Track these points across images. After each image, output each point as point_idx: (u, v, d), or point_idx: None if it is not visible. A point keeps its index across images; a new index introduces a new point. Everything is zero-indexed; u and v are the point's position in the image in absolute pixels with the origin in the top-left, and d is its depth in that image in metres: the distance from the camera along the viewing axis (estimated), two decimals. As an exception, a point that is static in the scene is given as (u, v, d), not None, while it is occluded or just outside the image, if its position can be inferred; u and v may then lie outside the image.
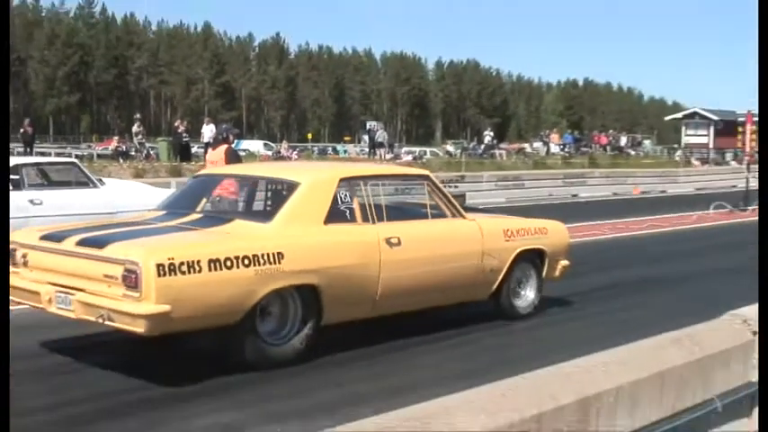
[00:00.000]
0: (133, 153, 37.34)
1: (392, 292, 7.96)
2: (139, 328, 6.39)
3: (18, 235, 7.67)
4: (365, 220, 7.92)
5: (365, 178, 8.30)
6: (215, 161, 12.65)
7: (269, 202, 8.52)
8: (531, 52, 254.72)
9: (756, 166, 32.51)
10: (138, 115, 46.66)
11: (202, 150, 29.45)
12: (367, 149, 48.06)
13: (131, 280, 6.35)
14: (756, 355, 4.38)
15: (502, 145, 64.07)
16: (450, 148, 67.83)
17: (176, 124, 36.61)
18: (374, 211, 8.01)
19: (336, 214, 7.86)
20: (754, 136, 26.91)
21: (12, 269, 7.38)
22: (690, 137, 55.56)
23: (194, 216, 7.88)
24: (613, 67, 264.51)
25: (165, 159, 32.59)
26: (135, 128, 38.87)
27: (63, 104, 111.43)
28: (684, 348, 3.92)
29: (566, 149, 54.13)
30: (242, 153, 28.66)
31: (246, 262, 6.79)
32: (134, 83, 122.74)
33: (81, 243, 6.97)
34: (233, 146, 13.66)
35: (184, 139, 32.82)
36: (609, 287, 11.14)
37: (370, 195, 8.09)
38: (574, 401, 3.20)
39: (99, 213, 12.28)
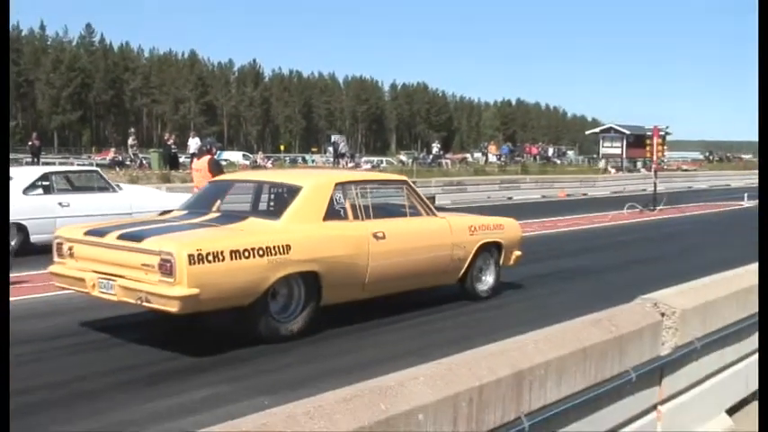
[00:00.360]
0: (128, 163, 36.92)
1: (378, 278, 8.30)
2: (173, 308, 6.70)
3: (63, 231, 8.02)
4: (356, 217, 8.25)
5: (355, 183, 8.64)
6: (199, 169, 12.55)
7: (276, 203, 8.71)
8: (472, 76, 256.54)
9: (661, 172, 32.97)
10: (132, 130, 46.20)
11: (189, 160, 29.17)
12: (332, 159, 47.89)
13: (166, 268, 6.66)
14: (665, 333, 4.42)
15: (447, 155, 64.12)
16: (403, 157, 67.81)
17: (166, 137, 36.26)
18: (363, 210, 8.33)
19: (332, 213, 8.18)
20: (660, 147, 27.23)
21: (57, 260, 7.78)
22: (606, 148, 56.00)
23: (213, 215, 8.14)
24: (541, 88, 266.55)
25: (156, 168, 32.24)
26: (130, 141, 38.47)
27: (66, 121, 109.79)
28: (603, 328, 3.94)
29: (502, 159, 54.34)
30: (223, 163, 28.43)
31: (261, 252, 7.13)
32: (129, 102, 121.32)
33: (121, 237, 7.26)
34: (215, 156, 13.55)
35: (173, 150, 32.48)
36: (542, 276, 11.18)
37: (359, 197, 8.41)
38: (510, 374, 3.20)
39: (118, 214, 12.41)
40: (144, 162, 36.28)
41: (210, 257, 6.76)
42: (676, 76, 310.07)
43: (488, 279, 9.86)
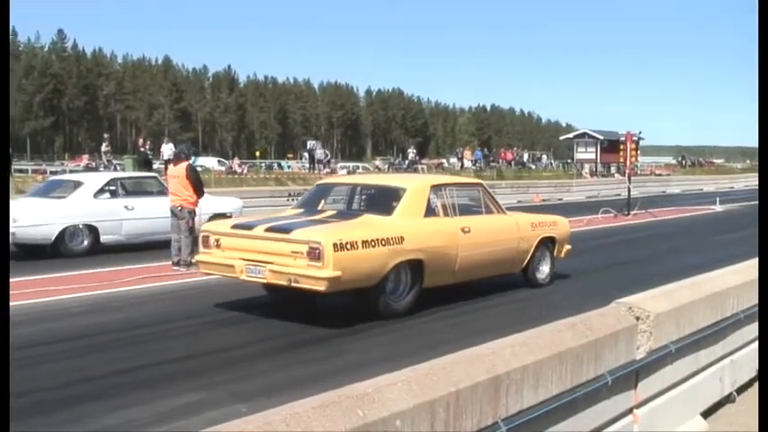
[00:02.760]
0: (101, 169, 36.60)
1: (465, 266, 9.66)
2: (321, 287, 7.96)
3: (210, 225, 9.52)
4: (446, 214, 9.66)
5: (444, 185, 10.16)
6: (176, 176, 12.42)
7: (383, 202, 9.67)
8: (447, 81, 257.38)
9: (635, 177, 33.23)
10: (106, 136, 45.79)
11: (163, 166, 28.98)
12: (308, 165, 47.79)
13: (315, 254, 7.93)
14: (640, 337, 4.45)
15: (423, 161, 64.20)
16: (378, 163, 67.96)
17: (140, 143, 35.92)
18: (451, 208, 9.74)
19: (429, 211, 9.55)
20: (634, 153, 27.40)
21: (203, 250, 9.09)
22: (581, 153, 56.25)
23: (330, 212, 9.49)
24: (516, 94, 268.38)
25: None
26: (103, 147, 38.11)
27: (39, 127, 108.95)
28: (579, 332, 3.96)
29: (477, 164, 54.47)
30: (198, 168, 28.26)
31: (383, 243, 8.47)
32: (102, 108, 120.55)
33: (269, 230, 8.56)
34: (191, 162, 13.45)
35: (149, 156, 32.20)
36: (518, 282, 11.19)
37: (448, 197, 9.81)
38: (487, 379, 3.20)
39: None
40: (118, 168, 36.00)
41: (348, 246, 8.07)
42: (649, 82, 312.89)
43: (545, 269, 11.26)
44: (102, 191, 14.55)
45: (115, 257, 13.34)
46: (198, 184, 12.52)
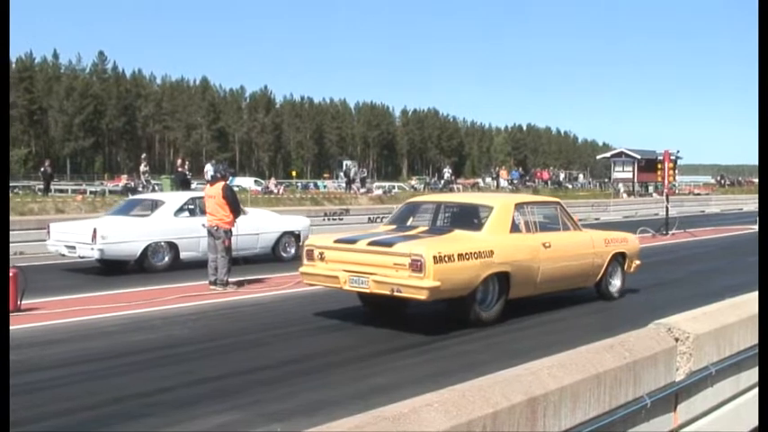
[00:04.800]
0: (140, 189, 36.98)
1: (546, 278, 10.27)
2: (422, 296, 8.62)
3: (314, 240, 10.30)
4: (528, 230, 10.32)
5: (526, 203, 10.84)
6: (213, 195, 12.51)
7: (471, 219, 10.41)
8: (483, 101, 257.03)
9: (673, 197, 32.85)
10: (144, 156, 46.28)
11: (202, 186, 29.28)
12: (344, 185, 47.92)
13: (417, 266, 8.57)
14: (679, 359, 4.39)
15: (459, 180, 64.17)
16: (414, 183, 67.89)
17: (178, 163, 36.27)
18: (533, 225, 10.39)
19: (514, 227, 10.16)
20: (671, 171, 27.12)
21: (307, 263, 9.73)
22: (618, 172, 55.78)
23: (422, 228, 10.26)
24: (552, 113, 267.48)
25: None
26: (142, 167, 38.48)
27: (79, 147, 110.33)
28: (617, 353, 3.92)
29: (513, 183, 54.28)
30: (235, 188, 28.48)
31: (476, 256, 9.13)
32: (141, 128, 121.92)
33: (372, 243, 9.22)
34: (228, 182, 13.56)
35: (187, 176, 32.49)
36: (556, 300, 11.10)
37: (529, 214, 10.46)
38: (524, 400, 3.17)
39: (248, 234, 15.12)
40: (156, 188, 36.38)
41: (446, 258, 8.71)
42: (687, 101, 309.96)
43: (617, 282, 11.81)
44: (181, 209, 15.26)
45: (163, 276, 13.67)
46: (234, 204, 12.60)
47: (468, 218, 10.50)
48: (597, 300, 11.59)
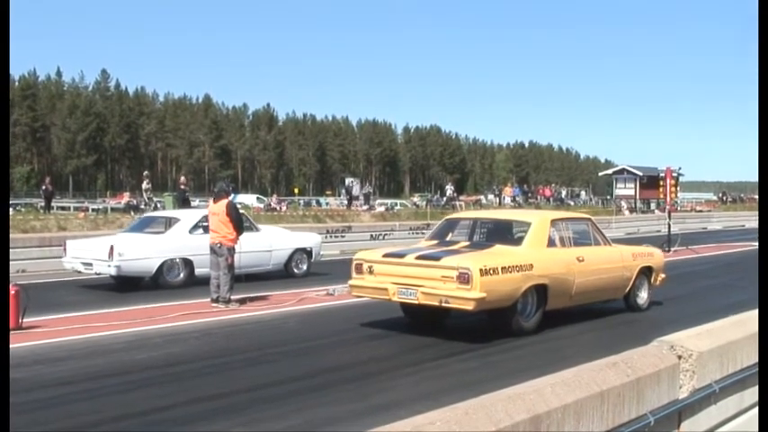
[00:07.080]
0: (143, 206, 36.98)
1: (581, 291, 10.78)
2: (470, 306, 9.13)
3: (363, 254, 10.57)
4: (563, 245, 10.81)
5: (561, 219, 11.40)
6: (216, 213, 12.53)
7: (510, 234, 10.96)
8: (485, 118, 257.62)
9: (675, 213, 32.79)
10: (146, 173, 46.33)
11: (205, 203, 29.30)
12: (346, 202, 47.95)
13: (464, 278, 9.10)
14: (682, 376, 4.37)
15: (461, 197, 64.08)
16: (416, 200, 67.90)
17: (181, 180, 36.32)
18: (567, 240, 10.89)
19: (550, 242, 10.64)
20: (673, 188, 27.12)
21: (356, 276, 10.21)
22: (620, 189, 55.79)
23: (463, 243, 10.61)
24: (554, 130, 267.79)
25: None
26: (144, 184, 38.47)
27: (81, 165, 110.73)
28: (620, 371, 3.90)
29: (515, 200, 54.27)
30: (238, 205, 28.51)
31: (518, 269, 9.63)
32: (144, 146, 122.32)
33: (420, 258, 9.76)
34: (231, 199, 13.58)
35: (186, 194, 32.52)
36: (558, 316, 11.07)
37: (564, 230, 10.95)
38: (527, 418, 3.16)
39: (261, 251, 15.91)
40: (158, 206, 36.41)
41: (491, 271, 9.22)
42: (690, 117, 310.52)
43: (644, 295, 12.36)
44: (196, 227, 15.36)
45: (172, 293, 13.68)
46: (238, 221, 12.61)
47: (507, 233, 11.02)
48: (599, 316, 11.60)
